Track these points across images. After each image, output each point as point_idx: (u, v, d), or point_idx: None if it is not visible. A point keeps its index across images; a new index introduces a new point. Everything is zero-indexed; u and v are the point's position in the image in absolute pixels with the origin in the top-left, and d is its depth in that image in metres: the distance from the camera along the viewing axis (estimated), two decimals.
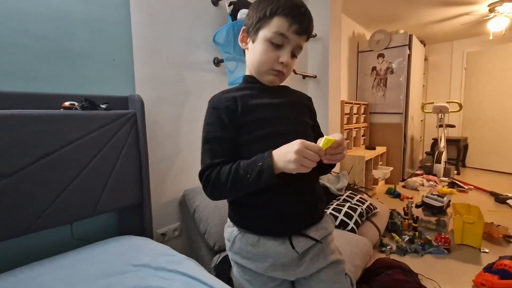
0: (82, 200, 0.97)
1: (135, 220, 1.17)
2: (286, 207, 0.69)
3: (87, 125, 0.97)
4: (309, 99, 0.84)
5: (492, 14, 3.13)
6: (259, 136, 0.67)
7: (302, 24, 0.64)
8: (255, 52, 0.68)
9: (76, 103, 0.99)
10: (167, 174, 1.40)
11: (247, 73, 0.77)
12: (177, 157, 1.44)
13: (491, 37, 3.52)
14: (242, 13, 1.49)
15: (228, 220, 0.78)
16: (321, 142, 0.57)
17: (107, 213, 1.12)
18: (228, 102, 0.68)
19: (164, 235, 1.38)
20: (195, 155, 1.51)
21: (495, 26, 3.20)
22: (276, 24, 0.64)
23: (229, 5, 1.51)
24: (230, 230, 0.75)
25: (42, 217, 0.88)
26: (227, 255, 0.84)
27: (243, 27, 0.72)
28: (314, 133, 0.79)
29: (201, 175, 0.66)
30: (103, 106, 1.06)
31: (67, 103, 0.98)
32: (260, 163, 0.58)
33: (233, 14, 1.50)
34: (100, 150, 1.00)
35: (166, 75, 1.38)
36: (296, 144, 0.55)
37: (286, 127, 0.70)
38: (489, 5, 3.05)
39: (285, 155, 0.56)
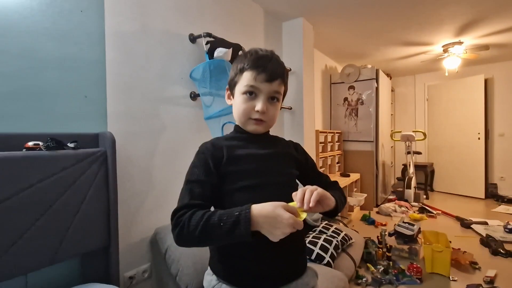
0: (41, 247, 0.89)
1: (100, 265, 1.09)
2: (264, 261, 0.66)
3: (51, 166, 0.92)
4: (296, 146, 0.85)
5: (446, 54, 3.50)
6: (241, 187, 0.67)
7: (267, 72, 0.67)
8: (236, 106, 0.72)
9: (41, 143, 0.95)
10: (138, 212, 1.34)
11: (236, 120, 0.79)
12: (150, 193, 1.39)
13: (446, 74, 3.90)
14: (219, 52, 1.56)
15: (209, 267, 0.75)
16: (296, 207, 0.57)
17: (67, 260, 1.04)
18: (216, 150, 0.70)
19: (132, 278, 1.29)
20: (169, 191, 1.48)
21: (449, 64, 3.57)
22: (246, 78, 0.69)
23: (206, 43, 1.57)
24: (209, 279, 0.72)
25: None
26: None
27: (227, 86, 0.76)
28: (310, 177, 0.80)
29: (174, 214, 0.62)
30: (71, 145, 1.02)
31: (30, 143, 0.93)
32: (237, 213, 0.56)
33: (210, 52, 1.56)
34: (64, 192, 0.95)
35: (141, 110, 1.37)
36: (283, 212, 0.53)
37: (269, 179, 0.70)
38: (443, 46, 3.42)
39: (269, 220, 0.54)
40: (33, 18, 1.01)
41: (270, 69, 0.68)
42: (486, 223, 2.91)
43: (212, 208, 0.64)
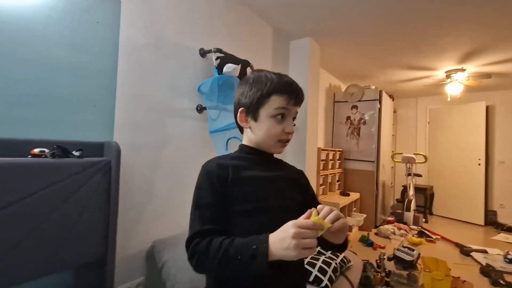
0: (38, 257, 0.87)
1: (94, 278, 1.06)
2: (267, 283, 0.64)
3: (55, 174, 0.91)
4: (300, 173, 0.86)
5: (448, 80, 3.56)
6: (243, 210, 0.66)
7: (298, 97, 0.72)
8: (262, 130, 0.72)
9: (46, 150, 0.95)
10: (136, 223, 1.32)
11: (245, 142, 0.78)
12: (149, 204, 1.38)
13: (449, 99, 3.95)
14: (228, 67, 1.58)
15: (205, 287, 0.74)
16: (312, 215, 0.54)
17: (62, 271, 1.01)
18: (220, 169, 0.69)
19: None
20: (169, 203, 1.46)
21: (452, 90, 3.63)
22: (276, 101, 0.70)
23: (216, 59, 1.59)
24: None
25: None
26: None
27: (241, 109, 0.74)
28: (308, 206, 0.78)
29: (188, 243, 0.61)
30: (76, 153, 1.02)
31: (36, 150, 0.93)
32: (255, 247, 0.54)
33: (219, 68, 1.58)
34: (65, 202, 0.94)
35: (147, 121, 1.38)
36: (290, 227, 0.52)
37: (272, 203, 0.69)
38: (446, 72, 3.48)
39: (282, 243, 0.51)
40: (51, 27, 1.03)
41: (299, 93, 0.72)
42: (485, 251, 2.86)
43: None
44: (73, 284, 1.09)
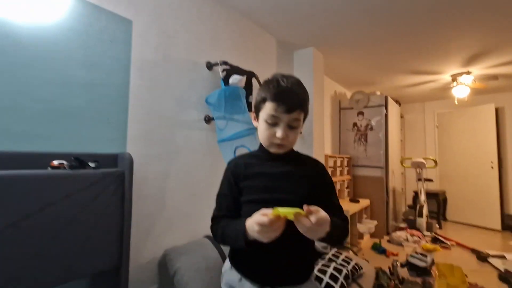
0: (56, 265, 0.91)
1: (109, 285, 1.09)
2: (264, 258, 0.77)
3: (73, 184, 0.96)
4: (321, 168, 0.88)
5: (454, 83, 3.54)
6: (250, 200, 0.79)
7: (287, 104, 0.74)
8: (259, 130, 0.82)
9: (65, 162, 1.00)
10: (148, 232, 1.36)
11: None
12: (161, 214, 1.42)
13: (456, 102, 3.92)
14: (234, 79, 1.64)
15: (227, 257, 0.90)
16: (273, 210, 0.61)
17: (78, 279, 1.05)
18: (236, 167, 0.84)
19: None
20: (180, 212, 1.50)
21: (459, 93, 3.60)
22: (268, 108, 0.76)
23: (222, 71, 1.65)
24: (226, 262, 0.89)
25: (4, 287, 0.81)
26: None
27: (253, 110, 0.85)
28: (316, 200, 0.79)
29: (211, 221, 0.84)
30: (92, 164, 1.07)
31: (55, 162, 0.99)
32: (238, 228, 0.70)
33: (226, 79, 1.64)
34: (82, 211, 0.98)
35: (158, 133, 1.43)
36: (253, 223, 0.63)
37: (273, 196, 0.78)
38: (451, 75, 3.47)
39: (252, 226, 0.64)
40: (69, 47, 1.11)
41: (289, 102, 0.75)
42: (504, 257, 2.77)
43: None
44: None
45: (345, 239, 0.82)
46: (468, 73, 3.31)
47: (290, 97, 0.75)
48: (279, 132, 0.75)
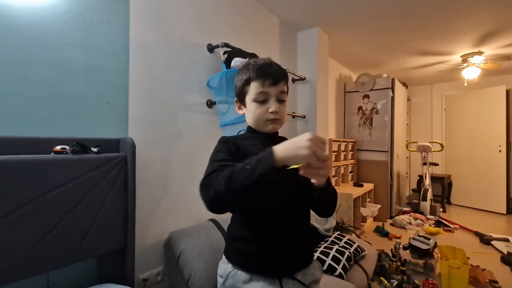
0: (63, 247, 0.94)
1: (116, 266, 1.12)
2: (278, 244, 0.73)
3: (76, 169, 0.97)
4: None
5: (465, 64, 3.42)
6: None
7: (272, 77, 0.76)
8: (250, 113, 0.80)
9: (67, 147, 1.00)
10: (153, 216, 1.38)
11: (249, 124, 0.86)
12: (165, 197, 1.43)
13: (465, 84, 3.80)
14: (235, 61, 1.60)
15: (224, 256, 0.82)
16: None
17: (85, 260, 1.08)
18: (238, 140, 0.80)
19: (146, 281, 1.32)
20: (184, 195, 1.51)
21: (469, 74, 3.49)
22: (254, 87, 0.77)
23: (224, 53, 1.61)
24: (224, 267, 0.79)
25: (18, 267, 0.84)
26: None
27: (235, 99, 0.86)
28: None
29: (203, 180, 0.65)
30: (94, 149, 1.07)
31: (58, 147, 0.99)
32: (261, 153, 0.61)
33: (227, 62, 1.60)
34: (86, 194, 1.00)
35: (159, 117, 1.42)
36: (307, 133, 0.58)
37: (278, 173, 0.73)
38: (461, 56, 3.35)
39: (296, 143, 0.58)
40: (65, 30, 1.08)
41: (273, 73, 0.76)
42: (507, 240, 2.78)
43: None
44: (96, 272, 1.16)
45: (335, 203, 0.81)
46: (480, 53, 3.19)
47: (273, 69, 0.77)
48: (272, 106, 0.76)
